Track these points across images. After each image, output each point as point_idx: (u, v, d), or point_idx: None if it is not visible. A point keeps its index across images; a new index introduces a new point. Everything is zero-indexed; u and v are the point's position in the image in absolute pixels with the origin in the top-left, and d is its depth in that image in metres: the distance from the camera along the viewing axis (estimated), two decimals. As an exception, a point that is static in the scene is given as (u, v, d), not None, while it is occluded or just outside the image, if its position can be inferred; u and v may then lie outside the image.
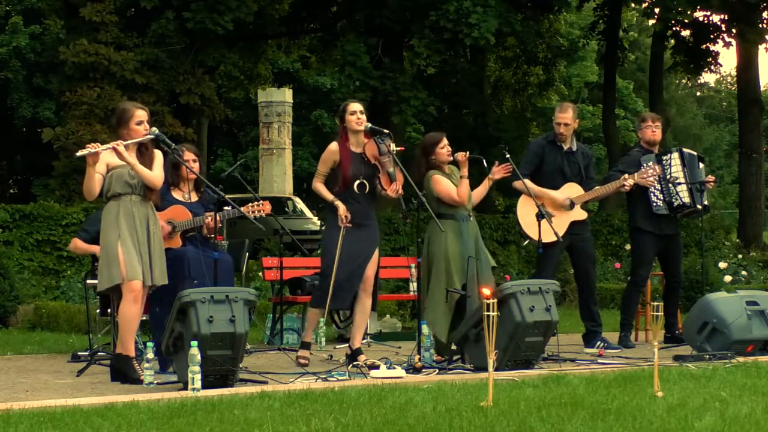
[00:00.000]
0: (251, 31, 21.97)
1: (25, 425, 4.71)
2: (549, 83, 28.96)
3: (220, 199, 7.27)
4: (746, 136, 22.40)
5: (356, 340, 7.57)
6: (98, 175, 6.71)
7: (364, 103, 7.75)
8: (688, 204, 8.71)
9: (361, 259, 7.43)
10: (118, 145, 6.67)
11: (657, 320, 5.61)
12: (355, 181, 7.41)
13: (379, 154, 7.39)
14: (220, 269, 7.26)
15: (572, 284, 11.96)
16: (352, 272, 7.39)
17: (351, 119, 7.43)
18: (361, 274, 7.44)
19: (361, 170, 7.43)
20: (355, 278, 7.42)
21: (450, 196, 7.66)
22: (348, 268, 7.37)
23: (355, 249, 7.39)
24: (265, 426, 4.59)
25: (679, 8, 19.46)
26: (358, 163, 7.43)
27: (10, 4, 28.02)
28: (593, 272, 8.72)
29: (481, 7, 18.17)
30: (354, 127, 7.42)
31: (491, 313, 5.16)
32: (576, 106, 9.12)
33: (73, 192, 17.09)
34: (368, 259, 7.47)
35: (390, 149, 7.39)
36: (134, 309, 6.66)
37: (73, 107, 17.72)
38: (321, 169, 7.53)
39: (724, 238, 19.69)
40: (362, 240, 7.43)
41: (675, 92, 49.88)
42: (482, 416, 4.76)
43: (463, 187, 7.66)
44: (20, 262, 13.96)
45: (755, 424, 4.57)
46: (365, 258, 7.45)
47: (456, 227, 7.64)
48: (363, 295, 7.50)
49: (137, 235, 6.70)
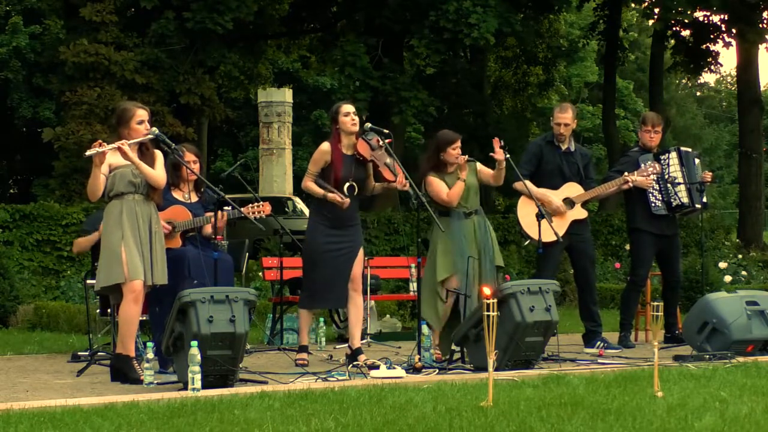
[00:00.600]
0: (251, 31, 21.98)
1: (25, 425, 4.71)
2: (549, 83, 28.99)
3: (220, 199, 7.27)
4: (746, 136, 22.41)
5: (355, 339, 7.57)
6: (102, 176, 6.71)
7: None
8: (686, 204, 8.72)
9: (347, 259, 7.47)
10: (123, 144, 6.67)
11: (657, 320, 5.61)
12: (345, 183, 7.42)
13: (371, 150, 7.40)
14: (220, 269, 7.26)
15: (572, 284, 11.95)
16: (338, 272, 7.44)
17: (345, 120, 7.41)
18: (348, 274, 7.48)
19: (352, 172, 7.44)
20: (342, 278, 7.46)
21: (439, 196, 7.71)
22: (333, 267, 7.42)
23: (341, 249, 7.44)
24: (265, 426, 4.59)
25: (679, 8, 19.48)
26: (349, 165, 7.43)
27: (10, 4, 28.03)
28: (593, 272, 8.73)
29: (481, 7, 18.18)
30: (348, 128, 7.41)
31: (491, 313, 5.16)
32: (575, 107, 9.13)
33: (73, 192, 17.10)
34: (353, 258, 7.51)
35: (380, 142, 7.42)
36: (135, 309, 6.66)
37: (73, 107, 17.72)
38: (312, 169, 7.53)
39: (724, 238, 19.70)
40: (347, 240, 7.48)
41: (675, 92, 49.91)
42: (482, 416, 4.76)
43: (456, 188, 7.67)
44: (20, 262, 13.96)
45: (755, 424, 4.57)
46: (351, 257, 7.49)
47: (446, 224, 7.65)
48: (353, 294, 7.54)
49: (140, 235, 6.70)
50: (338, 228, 7.43)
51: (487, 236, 7.78)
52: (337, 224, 7.42)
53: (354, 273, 7.50)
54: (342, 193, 7.37)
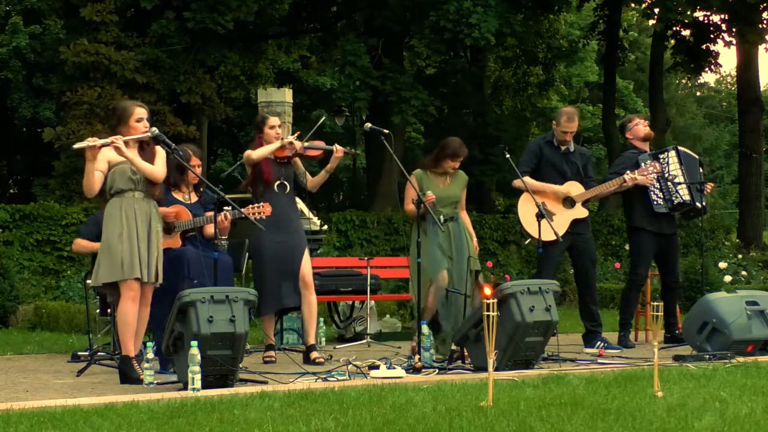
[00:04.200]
0: (251, 31, 21.97)
1: (25, 425, 4.71)
2: (549, 83, 28.97)
3: (221, 199, 7.27)
4: (746, 136, 22.41)
5: (309, 336, 7.84)
6: (98, 173, 6.72)
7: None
8: (687, 202, 8.72)
9: (290, 259, 7.76)
10: (117, 140, 6.68)
11: (657, 320, 5.61)
12: (275, 182, 7.84)
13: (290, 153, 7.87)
14: (220, 269, 7.26)
15: (572, 284, 11.96)
16: (284, 274, 7.75)
17: (270, 133, 7.90)
18: (297, 274, 7.76)
19: (281, 173, 7.88)
20: (289, 279, 7.76)
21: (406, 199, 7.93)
22: (279, 270, 7.75)
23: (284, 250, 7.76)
24: (265, 426, 4.59)
25: (679, 8, 19.46)
26: (276, 167, 7.88)
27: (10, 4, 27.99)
28: (593, 272, 8.74)
29: (481, 7, 18.17)
30: (272, 141, 7.87)
31: (491, 313, 5.16)
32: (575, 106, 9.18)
33: (73, 192, 17.08)
34: (299, 258, 7.79)
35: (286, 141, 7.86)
36: (133, 308, 6.65)
37: (74, 107, 17.70)
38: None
39: (724, 238, 19.71)
40: (289, 241, 7.79)
41: (675, 92, 49.88)
42: (482, 416, 4.76)
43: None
44: (20, 262, 13.95)
45: (755, 424, 4.57)
46: (296, 258, 7.77)
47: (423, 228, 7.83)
48: (305, 292, 7.82)
49: (138, 232, 6.70)
50: (282, 229, 7.76)
51: (462, 242, 7.92)
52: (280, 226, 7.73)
53: (302, 273, 7.78)
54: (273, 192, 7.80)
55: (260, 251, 7.83)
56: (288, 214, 7.91)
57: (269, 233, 7.60)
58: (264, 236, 7.62)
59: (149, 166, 6.77)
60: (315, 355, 7.62)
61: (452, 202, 8.02)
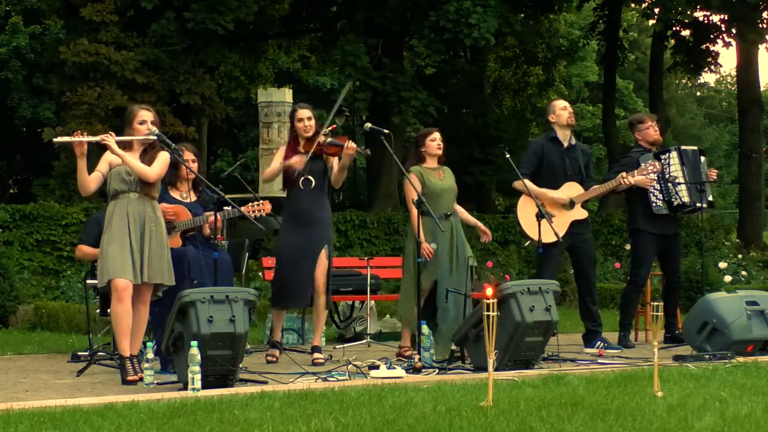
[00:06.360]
0: (251, 31, 21.98)
1: (25, 425, 4.71)
2: (549, 83, 28.95)
3: (220, 199, 7.27)
4: (746, 136, 22.40)
5: (315, 338, 7.83)
6: (98, 174, 6.78)
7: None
8: (687, 203, 8.71)
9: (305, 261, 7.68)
10: (106, 137, 6.71)
11: (657, 320, 5.60)
12: (300, 178, 7.66)
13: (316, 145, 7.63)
14: (220, 269, 7.26)
15: (572, 284, 11.95)
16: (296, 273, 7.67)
17: (299, 126, 7.74)
18: (308, 275, 7.68)
19: (306, 168, 7.66)
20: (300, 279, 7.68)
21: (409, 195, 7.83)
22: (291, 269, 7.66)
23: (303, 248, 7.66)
24: (265, 426, 4.59)
25: (679, 8, 19.47)
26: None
27: (10, 4, 28.01)
28: (593, 272, 8.73)
29: (481, 7, 18.17)
30: (303, 135, 7.73)
31: (491, 313, 5.16)
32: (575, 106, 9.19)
33: (73, 192, 17.06)
34: (313, 260, 7.68)
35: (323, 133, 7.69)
36: (120, 308, 6.63)
37: (74, 107, 17.70)
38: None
39: (724, 238, 19.70)
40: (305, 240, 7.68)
41: (675, 92, 49.89)
42: (482, 416, 4.76)
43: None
44: (20, 262, 13.96)
45: (755, 424, 4.57)
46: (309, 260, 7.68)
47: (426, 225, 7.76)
48: (316, 296, 7.77)
49: (130, 234, 6.69)
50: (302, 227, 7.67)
51: (462, 239, 7.98)
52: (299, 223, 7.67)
53: (316, 276, 7.69)
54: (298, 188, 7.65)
55: (279, 246, 7.88)
56: (310, 210, 7.71)
57: (288, 229, 7.69)
58: (283, 232, 7.75)
59: (140, 165, 6.77)
60: (316, 356, 7.63)
61: (452, 194, 8.10)
